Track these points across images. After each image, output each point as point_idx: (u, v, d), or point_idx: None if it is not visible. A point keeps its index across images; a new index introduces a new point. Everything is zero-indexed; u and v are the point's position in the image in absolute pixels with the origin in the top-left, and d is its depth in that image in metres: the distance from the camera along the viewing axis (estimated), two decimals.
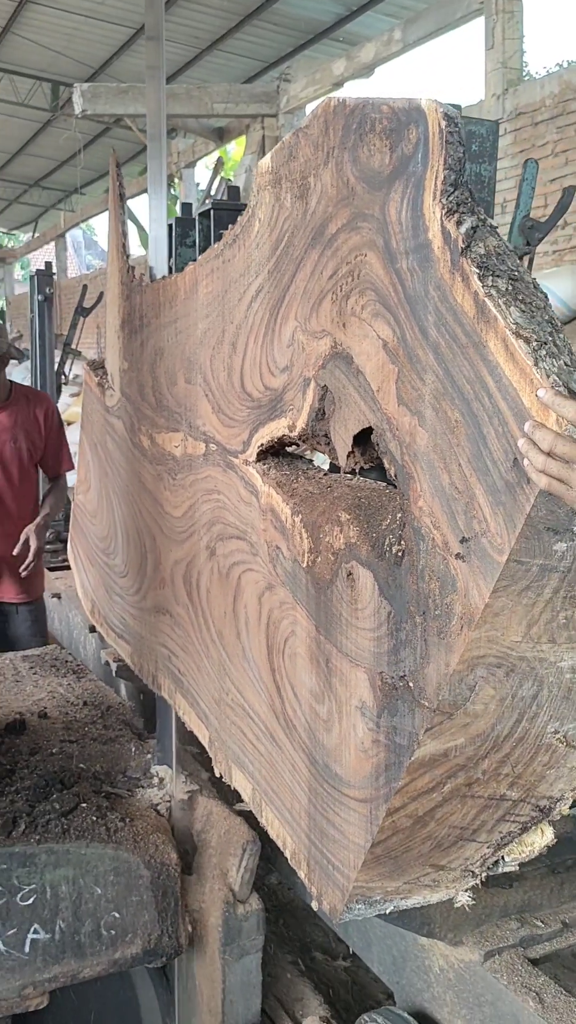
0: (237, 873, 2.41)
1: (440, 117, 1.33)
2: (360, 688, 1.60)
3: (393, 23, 12.70)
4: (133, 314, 2.63)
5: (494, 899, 2.03)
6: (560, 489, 1.18)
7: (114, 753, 3.02)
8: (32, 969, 2.37)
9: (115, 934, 2.44)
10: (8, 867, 2.34)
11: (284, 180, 1.74)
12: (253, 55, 15.30)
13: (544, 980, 1.88)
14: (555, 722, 1.46)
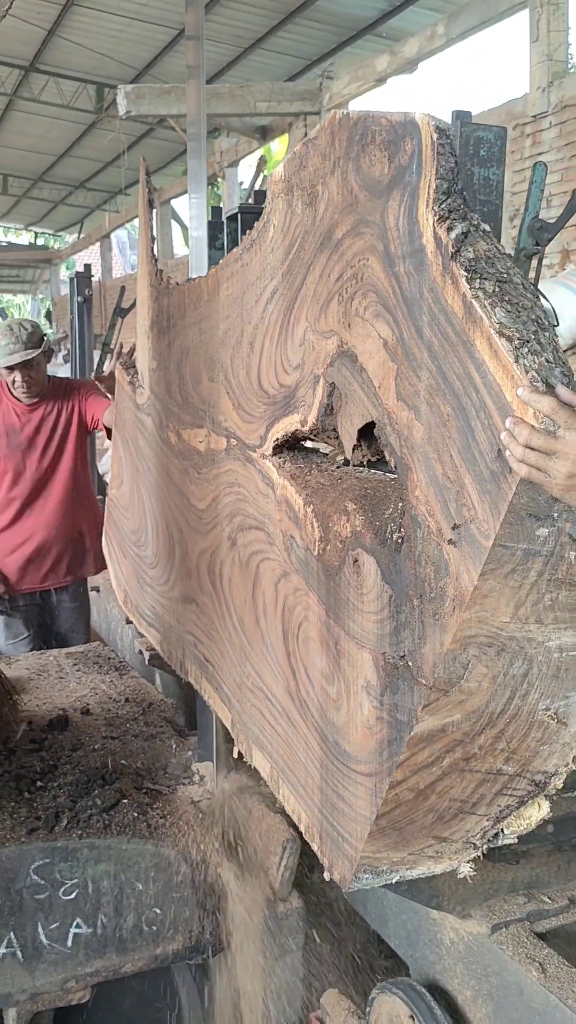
0: (277, 871, 2.43)
1: (432, 130, 1.42)
2: (365, 668, 1.69)
3: (436, 17, 12.62)
4: (161, 315, 2.74)
5: (502, 875, 2.11)
6: (539, 477, 1.27)
7: (155, 750, 3.07)
8: (74, 963, 2.42)
9: (156, 930, 2.48)
10: (51, 861, 2.39)
11: (295, 188, 1.83)
12: (296, 53, 15.31)
13: (548, 952, 1.95)
14: (546, 699, 1.54)
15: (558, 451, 1.24)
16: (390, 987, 2.17)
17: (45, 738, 3.10)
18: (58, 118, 19.06)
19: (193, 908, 2.50)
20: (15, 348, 4.08)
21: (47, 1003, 2.44)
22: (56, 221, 28.14)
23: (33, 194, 25.12)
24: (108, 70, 16.54)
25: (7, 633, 4.40)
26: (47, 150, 21.63)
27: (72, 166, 22.66)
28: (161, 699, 3.53)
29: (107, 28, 14.87)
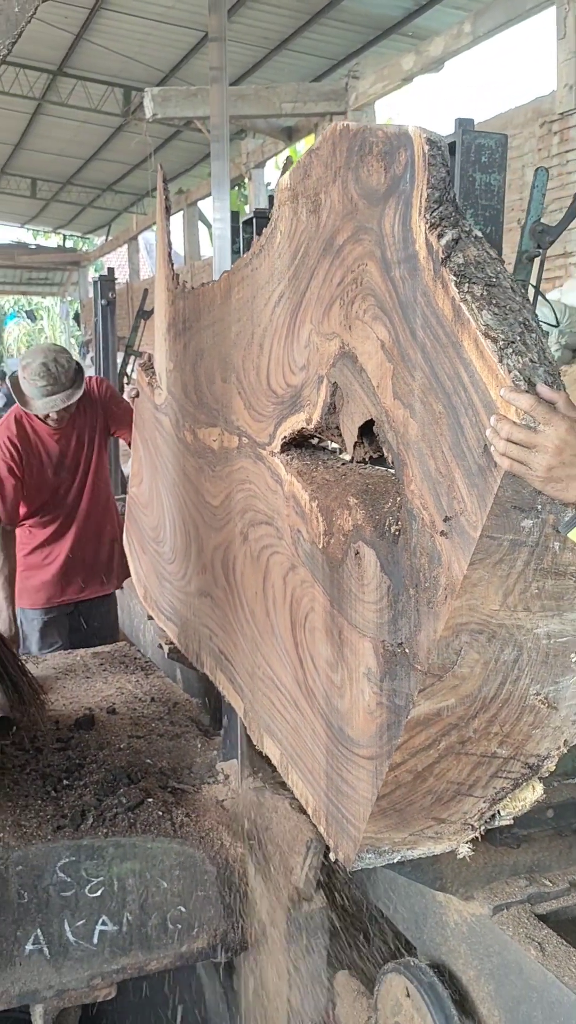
0: (301, 871, 2.43)
1: (423, 142, 1.50)
2: (367, 656, 1.76)
3: (462, 16, 12.59)
4: (177, 318, 2.83)
5: (504, 858, 2.17)
6: (520, 470, 1.34)
7: (180, 749, 3.09)
8: (100, 960, 2.44)
9: (181, 928, 2.50)
10: (77, 859, 2.42)
11: (300, 196, 1.91)
12: (321, 53, 15.34)
13: (547, 933, 2.02)
14: (536, 685, 1.61)
15: (537, 444, 1.31)
16: (396, 967, 2.24)
17: (71, 737, 3.13)
18: (86, 122, 19.21)
19: (218, 907, 2.53)
20: (53, 389, 3.86)
21: (73, 1000, 2.47)
22: (84, 224, 28.36)
23: (61, 197, 25.34)
24: (135, 73, 16.65)
25: (42, 643, 4.41)
26: (75, 154, 21.81)
27: (100, 169, 22.84)
28: (186, 699, 3.56)
29: (134, 31, 14.97)
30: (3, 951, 2.36)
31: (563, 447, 1.31)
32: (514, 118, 11.05)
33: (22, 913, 2.38)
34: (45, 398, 3.85)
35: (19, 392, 3.88)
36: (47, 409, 3.87)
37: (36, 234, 30.83)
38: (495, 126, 11.22)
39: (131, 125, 18.91)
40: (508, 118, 11.12)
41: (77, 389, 3.90)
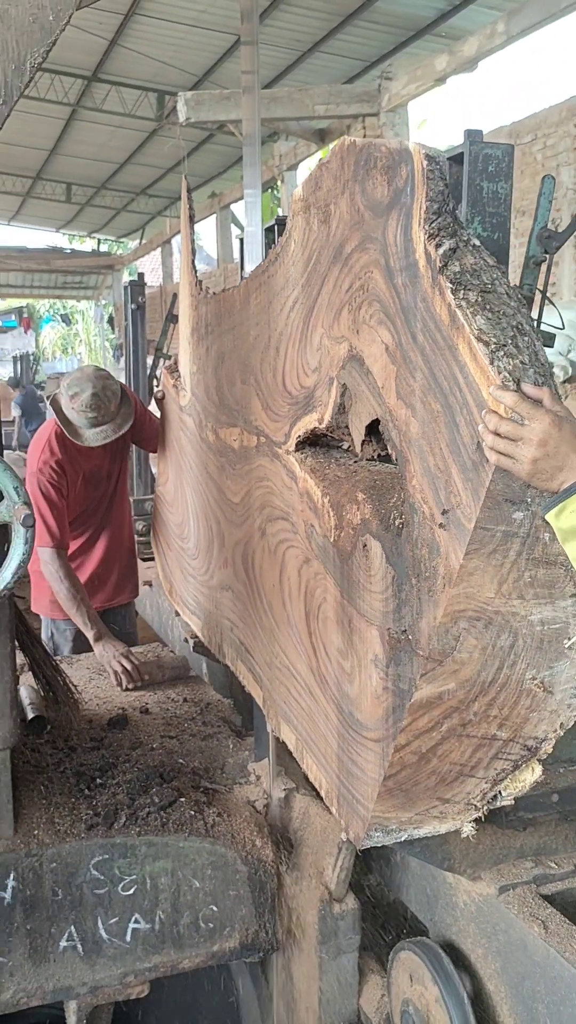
0: (333, 872, 2.45)
1: (423, 158, 1.59)
2: (374, 643, 1.86)
3: (496, 15, 12.38)
4: (200, 323, 2.94)
5: (511, 841, 2.26)
6: (508, 463, 1.44)
7: (212, 749, 3.11)
8: (133, 958, 2.47)
9: (213, 927, 2.52)
10: (110, 857, 2.44)
11: (312, 207, 2.01)
12: (354, 55, 15.23)
13: (550, 911, 2.10)
14: (532, 669, 1.70)
15: (523, 437, 1.41)
16: (409, 945, 2.33)
17: (105, 736, 3.16)
18: (120, 126, 19.33)
19: (249, 906, 2.55)
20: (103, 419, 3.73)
21: (106, 997, 2.50)
22: (118, 228, 28.56)
23: (96, 202, 25.53)
24: (168, 78, 16.70)
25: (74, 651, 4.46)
26: (109, 158, 21.98)
27: (134, 173, 22.99)
28: (218, 699, 3.58)
29: (167, 36, 14.99)
30: (38, 947, 2.41)
31: (546, 439, 1.41)
32: (548, 117, 11.05)
33: (56, 910, 2.42)
34: (95, 428, 3.74)
35: (66, 421, 3.76)
36: (98, 441, 3.75)
37: (72, 239, 31.12)
38: (529, 126, 11.25)
39: (164, 129, 18.99)
40: (542, 117, 11.12)
41: (126, 418, 3.79)
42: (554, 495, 1.48)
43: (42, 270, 28.24)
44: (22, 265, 27.40)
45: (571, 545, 1.51)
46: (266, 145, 19.14)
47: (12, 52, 1.87)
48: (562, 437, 1.41)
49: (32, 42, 1.88)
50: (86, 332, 31.17)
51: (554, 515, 1.49)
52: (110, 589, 4.32)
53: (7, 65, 1.88)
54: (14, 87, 1.90)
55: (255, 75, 11.22)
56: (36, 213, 27.13)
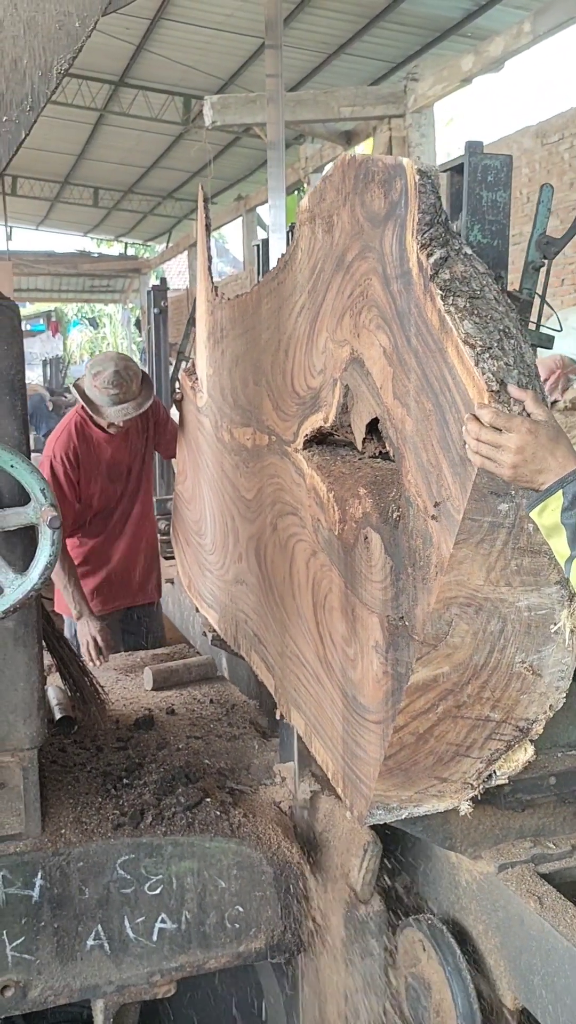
0: (358, 873, 2.45)
1: (415, 173, 1.70)
2: (375, 630, 1.96)
3: (523, 15, 12.27)
4: (216, 327, 3.06)
5: (510, 822, 2.35)
6: (491, 465, 1.55)
7: (238, 750, 3.13)
8: (159, 957, 2.48)
9: (239, 927, 2.52)
10: (136, 857, 2.45)
11: (317, 218, 2.12)
12: (380, 56, 15.16)
13: (547, 888, 2.19)
14: (521, 653, 1.80)
15: (502, 445, 1.52)
16: (415, 921, 2.43)
17: (131, 737, 3.18)
18: (146, 131, 19.47)
19: (275, 907, 2.56)
20: (125, 397, 3.86)
21: (133, 996, 2.51)
22: (145, 231, 28.76)
23: (123, 206, 25.74)
24: (195, 82, 16.78)
25: None
26: (136, 162, 22.16)
27: (160, 177, 23.16)
28: (244, 700, 3.62)
29: (193, 40, 15.02)
30: (65, 946, 2.43)
31: (524, 447, 1.52)
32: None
33: (83, 909, 2.44)
34: (117, 406, 3.87)
35: (87, 400, 3.91)
36: (120, 417, 3.88)
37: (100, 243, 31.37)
38: (556, 125, 11.27)
39: (191, 133, 19.08)
40: (570, 116, 11.14)
41: (147, 398, 3.93)
42: (537, 493, 1.58)
43: (70, 274, 28.48)
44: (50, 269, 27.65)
45: (554, 540, 1.61)
46: (292, 148, 19.22)
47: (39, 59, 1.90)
48: (538, 443, 1.53)
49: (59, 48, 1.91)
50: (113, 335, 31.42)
51: (537, 513, 1.59)
52: (134, 588, 4.42)
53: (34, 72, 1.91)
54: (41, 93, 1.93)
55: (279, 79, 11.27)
56: (64, 218, 27.39)
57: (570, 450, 1.55)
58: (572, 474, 1.53)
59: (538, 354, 6.58)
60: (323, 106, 14.94)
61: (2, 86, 1.90)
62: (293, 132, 18.03)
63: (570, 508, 1.52)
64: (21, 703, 2.40)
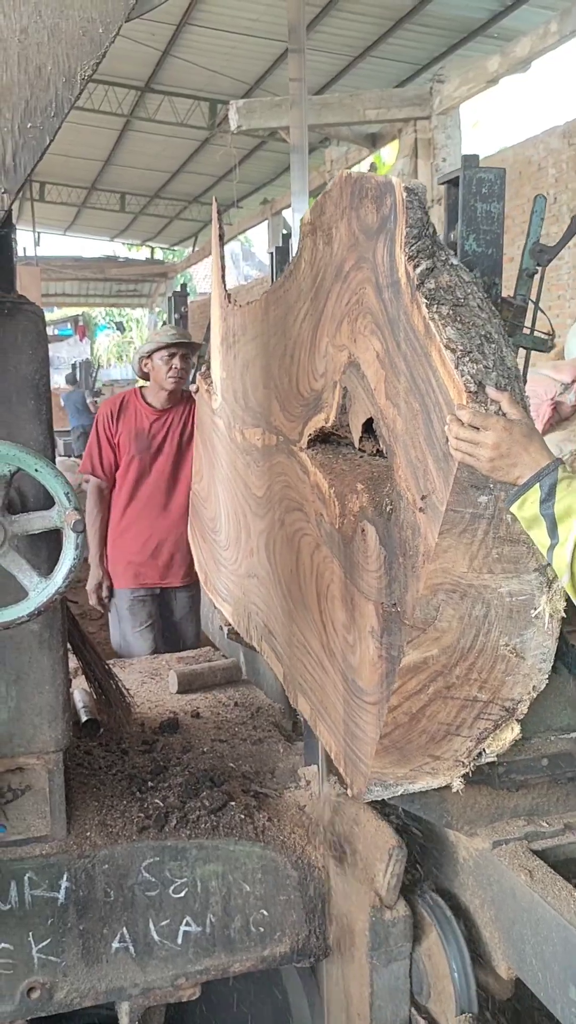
0: (383, 878, 2.44)
1: (402, 190, 1.83)
2: (371, 617, 2.10)
3: (549, 15, 12.27)
4: (228, 333, 3.20)
5: (505, 801, 2.47)
6: (470, 460, 1.68)
7: (263, 753, 3.15)
8: (184, 960, 2.48)
9: (264, 931, 2.52)
10: (161, 860, 2.47)
11: (318, 230, 2.26)
12: (406, 59, 15.24)
13: (538, 863, 2.31)
14: (505, 636, 1.93)
15: (480, 442, 1.66)
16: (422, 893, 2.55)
17: (156, 740, 3.21)
18: (172, 136, 19.64)
19: (300, 912, 2.57)
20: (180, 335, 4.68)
21: (158, 999, 2.51)
22: (171, 236, 29.00)
23: (149, 210, 25.99)
24: (220, 86, 16.85)
25: (133, 621, 4.82)
26: (162, 167, 22.36)
27: (186, 182, 23.36)
28: (269, 704, 3.66)
29: (219, 45, 15.12)
30: (90, 948, 2.44)
31: (499, 444, 1.66)
32: None
33: (108, 911, 2.45)
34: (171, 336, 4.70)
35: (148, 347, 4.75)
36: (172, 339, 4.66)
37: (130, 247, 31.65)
38: None
39: (216, 138, 19.19)
40: None
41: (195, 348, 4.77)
42: (515, 488, 1.71)
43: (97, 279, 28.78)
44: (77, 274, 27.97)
45: (535, 531, 1.74)
46: (317, 151, 19.36)
47: (63, 65, 1.90)
48: (513, 440, 1.66)
49: (82, 55, 1.91)
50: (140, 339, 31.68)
51: (517, 506, 1.72)
52: (161, 567, 4.74)
53: (58, 78, 1.91)
54: (65, 99, 1.92)
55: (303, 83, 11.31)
56: (91, 223, 27.68)
57: (543, 446, 1.68)
58: (546, 468, 1.66)
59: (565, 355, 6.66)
60: (348, 109, 15.00)
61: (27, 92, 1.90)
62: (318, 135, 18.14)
63: (547, 499, 1.65)
64: (46, 706, 2.43)
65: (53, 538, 2.27)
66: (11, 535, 2.15)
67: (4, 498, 2.13)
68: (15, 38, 1.87)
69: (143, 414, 4.72)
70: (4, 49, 1.87)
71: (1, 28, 1.87)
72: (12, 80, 1.88)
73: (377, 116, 14.98)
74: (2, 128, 1.90)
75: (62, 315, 33.93)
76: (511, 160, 13.22)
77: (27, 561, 2.19)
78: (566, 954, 2.09)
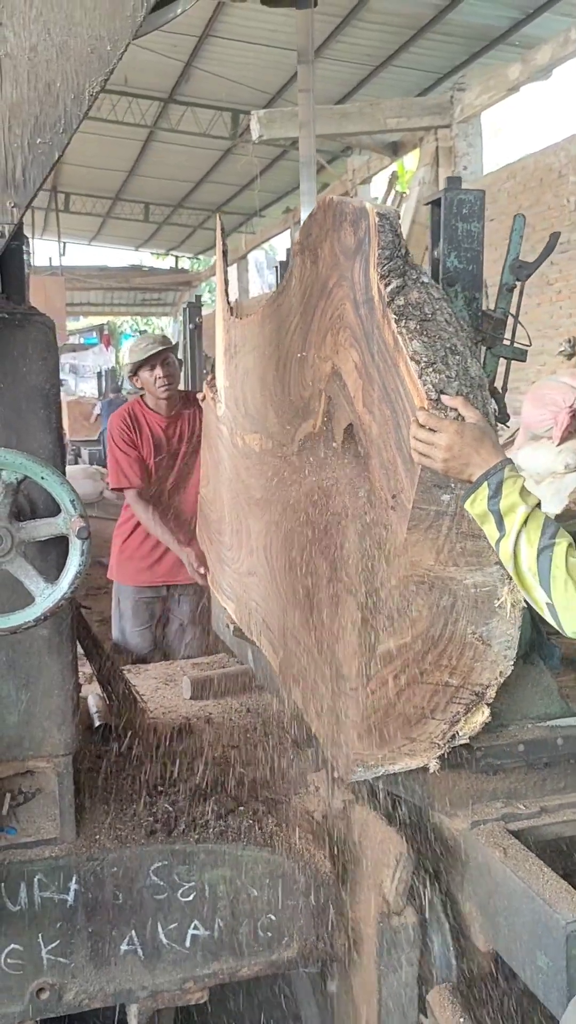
0: (391, 884, 2.46)
1: (375, 214, 2.00)
2: (353, 609, 2.26)
3: (569, 22, 12.40)
4: (231, 344, 3.38)
5: (484, 785, 2.62)
6: (427, 461, 1.85)
7: (272, 759, 3.12)
8: (192, 964, 2.49)
9: (271, 936, 2.53)
10: (169, 864, 2.47)
11: (306, 250, 2.43)
12: (427, 67, 15.37)
13: (512, 841, 2.46)
14: (471, 625, 2.09)
15: (434, 443, 1.82)
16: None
17: (167, 744, 3.19)
18: (195, 146, 19.83)
19: (307, 917, 2.57)
20: (152, 345, 4.72)
21: (166, 1001, 2.52)
22: (195, 245, 29.24)
23: (173, 220, 26.23)
24: (242, 97, 17.00)
25: (135, 620, 5.02)
26: (186, 177, 22.59)
27: (209, 191, 23.58)
28: (281, 710, 3.63)
29: (240, 56, 15.29)
30: (99, 950, 2.45)
31: (451, 445, 1.82)
32: None
33: (117, 914, 2.46)
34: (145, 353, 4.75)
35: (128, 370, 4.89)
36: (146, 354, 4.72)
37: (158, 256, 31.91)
38: None
39: (239, 147, 19.38)
40: None
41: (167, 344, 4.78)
42: (469, 485, 1.87)
43: (122, 288, 29.05)
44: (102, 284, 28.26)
45: (486, 526, 1.90)
46: (339, 160, 19.54)
47: (71, 82, 1.92)
48: (464, 442, 1.82)
49: (91, 72, 1.93)
50: None
51: (469, 503, 1.88)
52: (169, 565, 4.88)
53: (67, 95, 1.93)
54: (73, 115, 1.95)
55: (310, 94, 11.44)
56: (116, 233, 27.99)
57: (495, 447, 1.84)
58: (495, 467, 1.82)
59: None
60: (369, 118, 15.10)
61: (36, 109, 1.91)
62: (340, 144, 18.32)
63: (495, 496, 1.82)
64: (56, 710, 2.45)
65: (63, 545, 2.27)
66: (18, 541, 2.17)
67: (11, 505, 2.16)
68: (25, 56, 1.89)
69: (154, 422, 4.87)
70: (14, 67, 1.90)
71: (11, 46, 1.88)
72: (22, 97, 1.91)
73: (398, 125, 15.05)
74: (12, 144, 1.92)
75: (87, 324, 34.27)
76: (532, 167, 13.31)
77: (34, 567, 2.21)
78: (534, 924, 2.24)
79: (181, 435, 4.88)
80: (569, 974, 2.10)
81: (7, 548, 2.15)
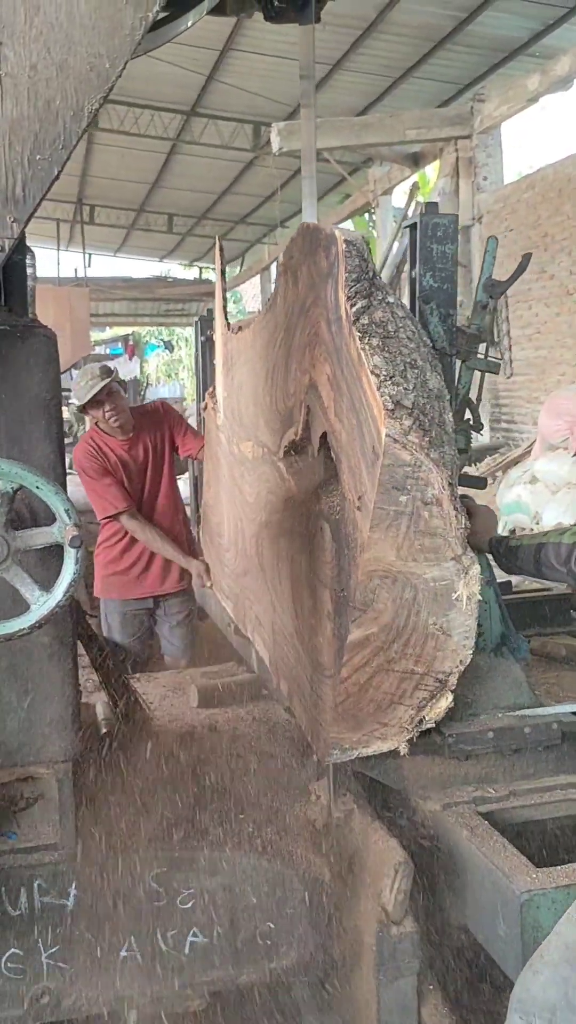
0: (390, 893, 2.47)
1: (342, 241, 2.19)
2: (327, 602, 2.45)
3: None
4: (228, 357, 3.58)
5: (456, 770, 2.80)
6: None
7: (275, 767, 3.18)
8: (191, 970, 2.50)
9: (270, 944, 2.54)
10: (168, 870, 2.51)
11: (288, 271, 2.63)
12: (447, 78, 15.57)
13: (479, 821, 2.63)
14: (432, 617, 2.27)
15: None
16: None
17: (170, 752, 3.22)
18: (218, 158, 20.07)
19: (307, 926, 2.59)
20: (92, 382, 4.83)
21: (166, 1008, 2.55)
22: None
23: (196, 231, 26.52)
24: (263, 109, 17.24)
25: (124, 632, 5.26)
26: (208, 189, 22.86)
27: (232, 203, 23.84)
28: (286, 720, 3.70)
29: (261, 69, 15.53)
30: (99, 956, 2.47)
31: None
32: None
33: (116, 920, 2.49)
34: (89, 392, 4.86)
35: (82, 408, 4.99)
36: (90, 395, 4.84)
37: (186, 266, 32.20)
38: None
39: (260, 159, 19.62)
40: None
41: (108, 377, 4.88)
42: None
43: (146, 299, 29.35)
44: (126, 295, 28.57)
45: None
46: (360, 171, 19.75)
47: (71, 100, 1.95)
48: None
49: (90, 89, 1.95)
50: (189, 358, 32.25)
51: None
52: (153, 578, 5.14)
53: (66, 112, 1.95)
54: (72, 132, 1.98)
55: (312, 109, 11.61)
56: (140, 244, 28.32)
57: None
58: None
59: None
60: (389, 129, 15.28)
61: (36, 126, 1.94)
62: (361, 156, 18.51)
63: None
64: (56, 716, 2.47)
65: (56, 554, 2.27)
66: (14, 550, 2.19)
67: (7, 514, 2.18)
68: (25, 74, 1.93)
69: (116, 446, 5.05)
70: (15, 84, 1.92)
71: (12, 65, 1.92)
72: (22, 114, 1.94)
73: (418, 136, 15.22)
74: (12, 160, 1.95)
75: (112, 335, 34.62)
76: (551, 178, 13.44)
77: (30, 575, 2.21)
78: (495, 894, 2.41)
79: (145, 450, 5.08)
80: (524, 940, 2.27)
81: (3, 556, 2.18)
